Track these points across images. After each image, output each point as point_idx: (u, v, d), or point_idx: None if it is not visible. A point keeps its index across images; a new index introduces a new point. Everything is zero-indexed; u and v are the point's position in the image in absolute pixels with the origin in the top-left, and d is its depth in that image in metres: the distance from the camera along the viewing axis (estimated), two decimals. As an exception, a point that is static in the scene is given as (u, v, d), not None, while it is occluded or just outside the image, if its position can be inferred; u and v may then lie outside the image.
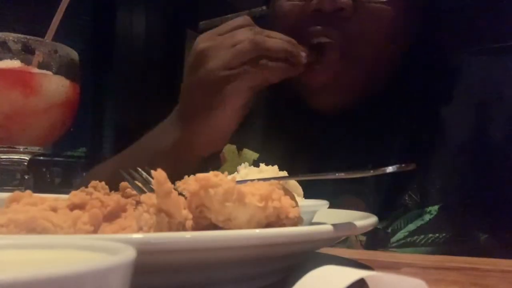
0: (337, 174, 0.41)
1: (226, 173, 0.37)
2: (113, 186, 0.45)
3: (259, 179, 0.40)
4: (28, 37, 0.62)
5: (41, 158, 2.52)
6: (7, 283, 0.15)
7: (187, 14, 3.33)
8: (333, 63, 0.73)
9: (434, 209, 0.72)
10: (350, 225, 0.40)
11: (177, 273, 0.34)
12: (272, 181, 0.39)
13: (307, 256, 0.44)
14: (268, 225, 0.37)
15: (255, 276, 0.38)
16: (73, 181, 2.69)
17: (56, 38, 0.65)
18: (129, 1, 3.28)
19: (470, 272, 0.47)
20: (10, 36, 0.61)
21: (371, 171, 0.37)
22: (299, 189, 0.54)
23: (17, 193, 0.37)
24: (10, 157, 0.62)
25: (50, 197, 0.37)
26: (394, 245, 0.73)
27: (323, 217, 0.53)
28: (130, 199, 0.42)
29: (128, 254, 0.19)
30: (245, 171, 0.53)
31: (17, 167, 0.62)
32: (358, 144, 0.79)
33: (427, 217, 0.72)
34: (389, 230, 0.73)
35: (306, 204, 0.49)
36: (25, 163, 0.63)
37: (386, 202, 0.74)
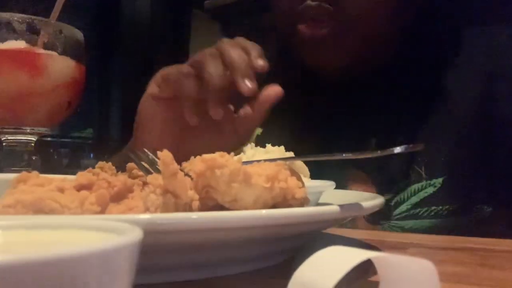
0: (344, 155, 0.40)
1: (232, 153, 0.36)
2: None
3: (265, 160, 0.40)
4: (33, 17, 0.62)
5: (48, 139, 2.53)
6: (15, 263, 0.15)
7: (193, -6, 3.30)
8: (329, 27, 0.73)
9: (438, 181, 0.72)
10: (357, 205, 0.40)
11: (184, 254, 0.34)
12: (279, 161, 0.38)
13: (313, 236, 0.44)
14: (275, 205, 0.37)
15: (261, 256, 0.39)
16: (81, 161, 2.71)
17: (61, 19, 0.65)
18: (133, -19, 3.25)
19: (478, 252, 0.47)
20: (15, 17, 0.61)
21: (379, 152, 0.37)
22: (306, 170, 0.54)
23: (24, 173, 0.37)
24: (17, 138, 0.62)
25: (57, 178, 0.38)
26: (396, 217, 0.73)
27: (329, 198, 0.53)
28: (137, 180, 0.42)
29: (135, 234, 0.19)
30: (252, 151, 0.53)
31: (24, 148, 0.63)
32: (363, 117, 0.79)
33: (430, 190, 0.72)
34: (392, 203, 0.73)
35: (312, 184, 0.49)
36: (32, 144, 0.63)
37: (391, 175, 0.74)
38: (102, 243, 0.17)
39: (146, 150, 0.47)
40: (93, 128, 3.18)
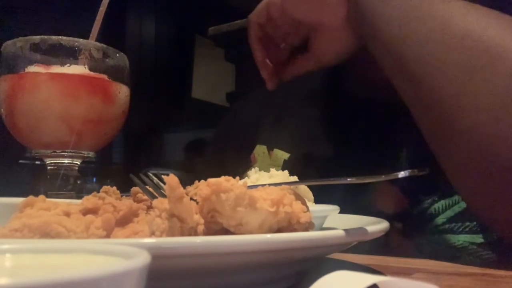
0: (348, 180, 0.41)
1: (237, 178, 0.37)
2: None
3: (269, 184, 0.41)
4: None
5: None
6: (25, 287, 0.15)
7: (196, 20, 3.35)
8: None
9: None
10: (361, 230, 0.40)
11: (189, 278, 0.34)
12: (283, 186, 0.39)
13: (318, 261, 0.44)
14: (280, 230, 0.37)
15: (266, 281, 0.38)
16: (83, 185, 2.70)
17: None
18: (138, 9, 3.31)
19: (483, 278, 0.47)
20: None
21: (383, 176, 0.37)
22: (310, 194, 0.54)
23: (30, 198, 0.37)
24: (63, 162, 0.62)
25: (63, 202, 0.38)
26: (433, 231, 0.72)
27: (334, 222, 0.52)
28: (142, 204, 0.42)
29: (143, 258, 0.20)
30: (256, 176, 0.53)
31: (70, 172, 0.63)
32: (393, 130, 0.78)
33: (463, 204, 0.71)
34: (426, 216, 0.72)
35: (317, 209, 0.49)
36: (76, 168, 0.64)
37: (421, 187, 0.73)
38: (111, 266, 0.18)
39: (151, 174, 0.47)
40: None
